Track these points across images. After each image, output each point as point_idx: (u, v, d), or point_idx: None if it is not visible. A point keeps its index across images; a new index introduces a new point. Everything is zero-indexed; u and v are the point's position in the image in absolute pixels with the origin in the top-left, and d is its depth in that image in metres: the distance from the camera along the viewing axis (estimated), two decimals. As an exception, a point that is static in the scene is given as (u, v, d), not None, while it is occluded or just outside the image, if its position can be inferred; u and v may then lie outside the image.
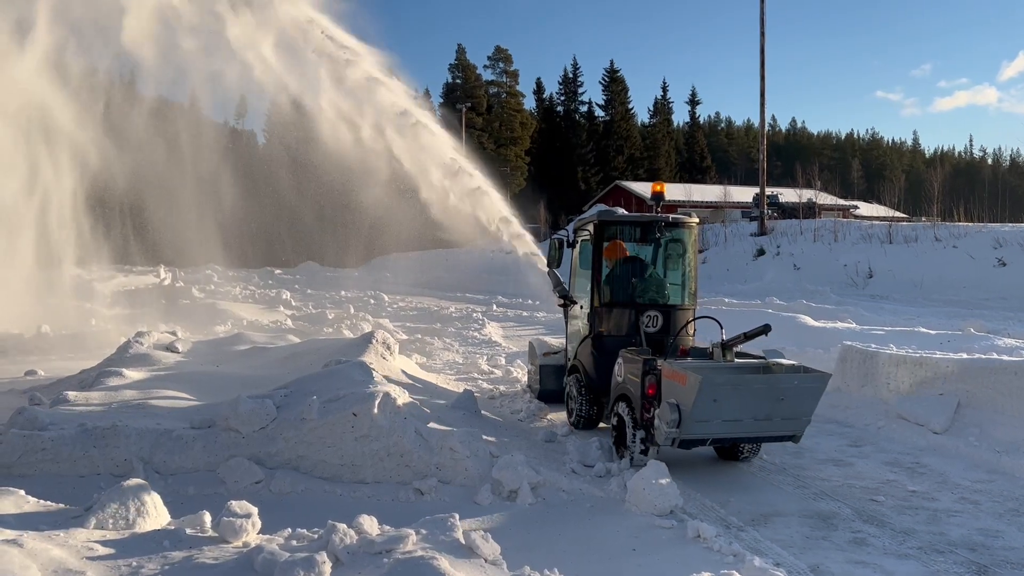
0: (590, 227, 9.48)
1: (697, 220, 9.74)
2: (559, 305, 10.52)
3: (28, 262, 19.42)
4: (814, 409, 7.26)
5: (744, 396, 7.01)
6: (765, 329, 7.65)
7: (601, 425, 9.23)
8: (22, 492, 5.16)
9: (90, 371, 11.15)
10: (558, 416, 9.99)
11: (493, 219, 15.62)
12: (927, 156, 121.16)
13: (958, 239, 27.04)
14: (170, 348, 12.25)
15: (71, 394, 8.56)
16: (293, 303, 25.46)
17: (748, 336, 7.64)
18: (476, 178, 15.91)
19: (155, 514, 4.97)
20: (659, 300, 9.12)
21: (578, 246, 10.17)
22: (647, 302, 9.04)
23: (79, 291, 25.86)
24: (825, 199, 48.88)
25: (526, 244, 15.18)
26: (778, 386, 7.15)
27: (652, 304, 9.02)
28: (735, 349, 7.86)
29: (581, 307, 9.76)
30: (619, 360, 8.29)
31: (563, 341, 10.60)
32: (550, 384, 10.38)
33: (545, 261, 10.78)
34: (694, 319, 9.03)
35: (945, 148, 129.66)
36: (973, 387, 8.90)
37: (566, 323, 10.39)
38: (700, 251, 36.30)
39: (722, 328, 8.06)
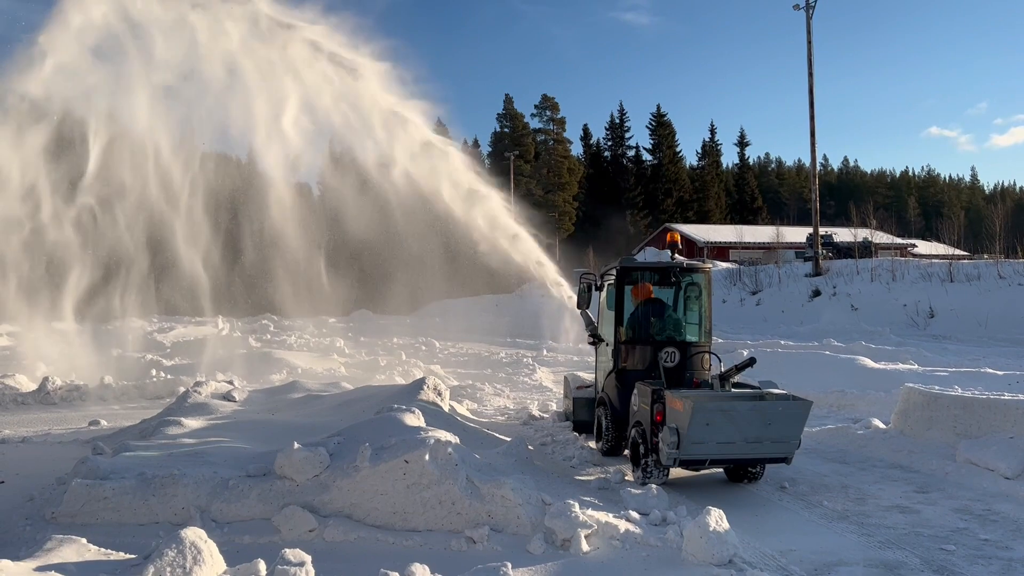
0: (614, 272, 10.47)
1: (711, 266, 10.84)
2: (589, 343, 11.51)
3: (91, 314, 20.08)
4: (800, 433, 8.09)
5: (734, 420, 7.85)
6: (751, 362, 9.09)
7: (626, 453, 9.73)
8: (84, 540, 5.27)
9: (150, 420, 11.41)
10: (611, 462, 9.88)
11: (535, 262, 16.33)
12: (986, 192, 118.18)
13: (1024, 276, 26.21)
14: (227, 397, 12.48)
15: (132, 443, 8.76)
16: (346, 351, 25.72)
17: (739, 368, 8.97)
18: (521, 232, 16.65)
19: (211, 562, 5.01)
20: (676, 337, 10.08)
21: (605, 290, 11.07)
22: (665, 339, 9.98)
23: (140, 342, 26.60)
24: (881, 238, 47.95)
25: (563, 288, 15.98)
26: (764, 411, 8.00)
27: (669, 341, 9.95)
28: (732, 380, 9.01)
29: (607, 344, 10.64)
30: (635, 391, 9.21)
31: (594, 376, 11.51)
32: (582, 415, 11.40)
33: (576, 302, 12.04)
34: (709, 354, 9.95)
35: (1005, 184, 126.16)
36: (1045, 430, 8.54)
37: (596, 359, 11.34)
38: (754, 293, 36.19)
39: (720, 362, 9.64)
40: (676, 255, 10.71)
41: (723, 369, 9.22)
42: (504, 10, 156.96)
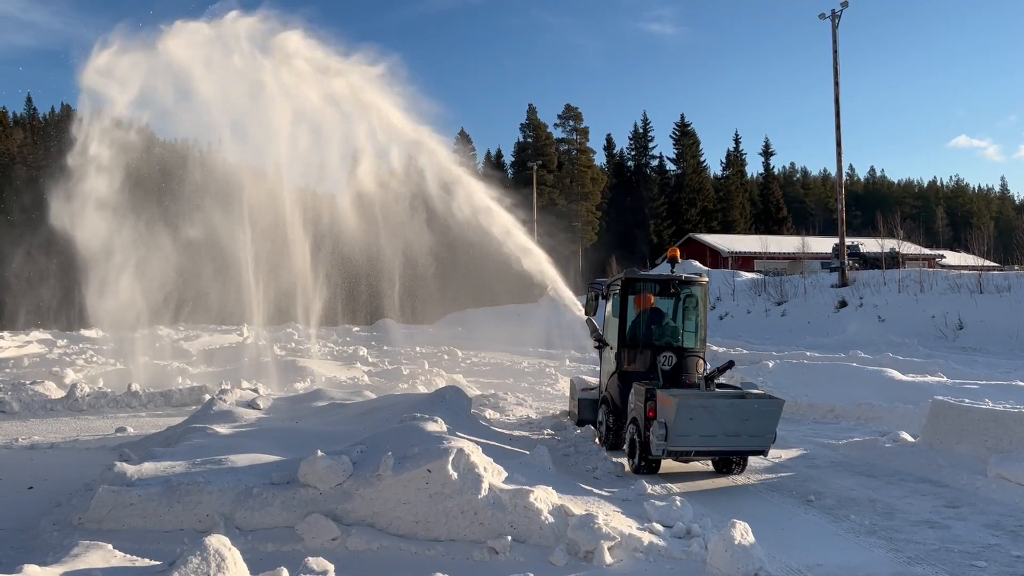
0: (619, 283, 11.37)
1: (707, 279, 11.71)
2: (594, 347, 12.42)
3: (120, 324, 20.41)
4: (775, 428, 9.13)
5: (714, 415, 8.89)
6: (730, 364, 10.49)
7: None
8: (110, 546, 5.30)
9: (176, 428, 11.52)
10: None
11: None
12: (1016, 203, 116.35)
13: (1055, 287, 25.75)
14: (252, 405, 12.56)
15: (158, 451, 8.84)
16: (370, 359, 25.83)
17: (720, 370, 10.19)
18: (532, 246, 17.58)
19: (235, 570, 5.02)
20: (674, 343, 11.02)
21: (610, 299, 11.93)
22: (663, 345, 10.90)
23: (167, 350, 26.90)
24: (909, 248, 47.37)
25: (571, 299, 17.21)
26: (741, 408, 9.07)
27: (668, 346, 10.85)
28: (716, 380, 10.15)
29: (611, 348, 11.50)
30: (632, 391, 10.11)
31: (598, 379, 12.34)
32: (587, 415, 12.25)
33: (583, 310, 13.08)
34: (703, 359, 10.92)
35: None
36: (1080, 444, 8.37)
37: (600, 362, 12.18)
38: (779, 303, 35.97)
39: (707, 365, 10.79)
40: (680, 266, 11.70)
41: (707, 370, 10.44)
42: (528, 21, 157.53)
